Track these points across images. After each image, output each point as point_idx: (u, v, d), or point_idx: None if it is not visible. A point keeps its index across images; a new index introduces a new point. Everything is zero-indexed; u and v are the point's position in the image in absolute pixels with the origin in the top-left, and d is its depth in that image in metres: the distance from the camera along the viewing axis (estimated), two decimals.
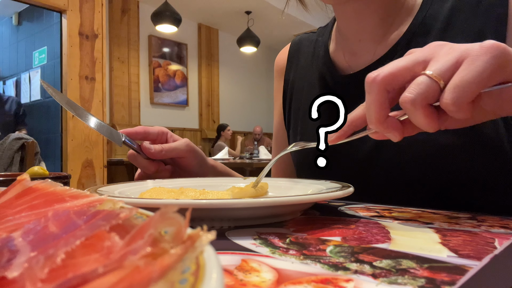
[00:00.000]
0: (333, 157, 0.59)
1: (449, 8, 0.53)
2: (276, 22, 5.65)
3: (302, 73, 0.71)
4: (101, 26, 3.26)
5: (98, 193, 0.34)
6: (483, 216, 0.39)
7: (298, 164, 0.69)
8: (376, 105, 0.33)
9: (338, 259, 0.24)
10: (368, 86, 0.33)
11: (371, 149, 0.55)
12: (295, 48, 0.75)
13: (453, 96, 0.29)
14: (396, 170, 0.53)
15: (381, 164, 0.55)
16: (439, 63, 0.31)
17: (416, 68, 0.32)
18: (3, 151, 2.09)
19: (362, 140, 0.55)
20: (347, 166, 0.58)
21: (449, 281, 0.20)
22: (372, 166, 0.55)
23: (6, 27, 4.80)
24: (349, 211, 0.42)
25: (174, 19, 4.13)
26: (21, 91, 4.33)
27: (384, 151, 0.54)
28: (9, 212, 0.21)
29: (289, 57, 0.76)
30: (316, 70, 0.67)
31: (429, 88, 0.30)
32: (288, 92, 0.74)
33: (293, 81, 0.73)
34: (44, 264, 0.13)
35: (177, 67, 5.40)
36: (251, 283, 0.20)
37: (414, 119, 0.32)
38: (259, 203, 0.32)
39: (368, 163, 0.56)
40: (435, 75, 0.30)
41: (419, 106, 0.30)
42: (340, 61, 0.64)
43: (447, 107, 0.30)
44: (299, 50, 0.74)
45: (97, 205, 0.20)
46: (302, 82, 0.70)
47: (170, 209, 0.14)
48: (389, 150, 0.54)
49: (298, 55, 0.74)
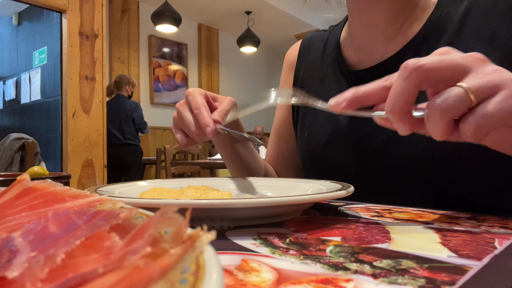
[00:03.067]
0: (342, 151, 0.59)
1: (464, 9, 0.52)
2: (276, 22, 5.65)
3: (312, 70, 0.71)
4: (101, 26, 3.25)
5: (98, 193, 0.34)
6: (483, 216, 0.39)
7: (306, 160, 0.69)
8: (406, 94, 0.31)
9: (338, 259, 0.24)
10: (408, 73, 0.30)
11: (381, 144, 0.55)
12: (307, 44, 0.76)
13: (478, 123, 0.28)
14: (406, 166, 0.53)
15: (391, 159, 0.54)
16: (480, 81, 0.29)
17: (456, 73, 0.30)
18: (3, 151, 2.09)
19: (373, 134, 0.55)
20: (356, 161, 0.58)
21: (449, 281, 0.20)
22: (382, 161, 0.55)
23: (6, 27, 4.80)
24: (349, 211, 0.42)
25: (174, 19, 4.13)
26: (21, 91, 4.33)
27: (394, 146, 0.54)
28: (9, 212, 0.21)
29: (300, 54, 0.76)
30: (326, 66, 0.67)
31: (462, 104, 0.28)
32: (297, 86, 0.74)
33: (302, 77, 0.73)
34: (44, 264, 0.13)
35: (177, 67, 5.40)
36: (251, 283, 0.20)
37: (431, 126, 0.30)
38: (259, 203, 0.32)
39: (378, 158, 0.56)
40: (473, 92, 0.28)
41: (446, 119, 0.29)
42: (351, 57, 0.64)
43: (467, 132, 0.29)
44: (310, 47, 0.74)
45: (97, 205, 0.20)
46: (312, 78, 0.70)
47: (170, 209, 0.14)
48: (400, 145, 0.53)
49: (309, 51, 0.74)
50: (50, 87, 3.57)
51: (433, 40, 0.53)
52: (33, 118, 3.98)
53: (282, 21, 5.59)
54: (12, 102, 4.55)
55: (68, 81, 3.04)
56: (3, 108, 4.78)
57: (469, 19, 0.52)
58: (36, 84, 4.08)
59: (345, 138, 0.60)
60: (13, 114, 4.55)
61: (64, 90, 3.09)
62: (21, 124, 4.32)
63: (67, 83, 3.04)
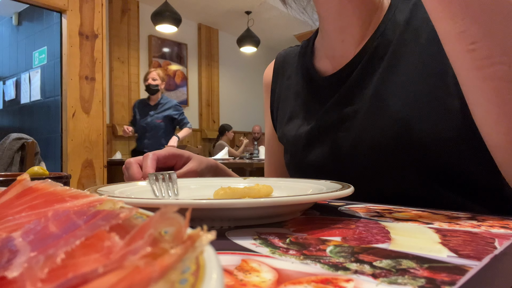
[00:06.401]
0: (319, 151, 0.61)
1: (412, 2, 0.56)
2: (276, 22, 5.65)
3: (287, 83, 0.73)
4: (101, 26, 3.26)
5: (98, 193, 0.34)
6: (483, 216, 0.39)
7: (288, 164, 0.70)
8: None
9: (338, 259, 0.24)
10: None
11: (357, 134, 0.56)
12: (281, 60, 0.78)
13: None
14: (382, 152, 0.53)
15: (367, 148, 0.55)
16: None
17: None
18: (3, 151, 2.09)
19: (349, 125, 0.57)
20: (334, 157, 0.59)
21: (449, 281, 0.20)
22: (359, 152, 0.56)
23: (6, 27, 4.80)
24: (349, 211, 0.43)
25: (174, 19, 4.13)
26: (21, 91, 4.33)
27: (367, 134, 0.55)
28: (9, 212, 0.21)
29: (275, 69, 0.78)
30: (301, 78, 0.69)
31: None
32: (275, 102, 0.77)
33: (279, 91, 0.75)
34: (44, 264, 0.13)
35: (177, 67, 5.40)
36: (251, 283, 0.20)
37: None
38: (259, 203, 0.32)
39: (355, 150, 0.56)
40: None
41: None
42: (325, 66, 0.65)
43: None
44: (284, 62, 0.77)
45: (97, 205, 0.20)
46: (288, 92, 0.72)
47: (170, 209, 0.14)
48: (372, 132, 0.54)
49: (284, 66, 0.76)
50: (50, 87, 3.57)
51: (389, 32, 0.56)
52: (33, 118, 3.98)
53: (282, 21, 5.59)
54: (12, 102, 4.55)
55: (68, 81, 3.04)
56: (3, 108, 4.78)
57: (417, 8, 0.55)
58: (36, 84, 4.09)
59: (320, 137, 0.62)
60: (13, 114, 4.55)
61: (64, 90, 3.09)
62: (21, 124, 4.32)
63: (67, 83, 3.04)
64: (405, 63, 0.53)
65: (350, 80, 0.58)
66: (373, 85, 0.55)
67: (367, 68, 0.57)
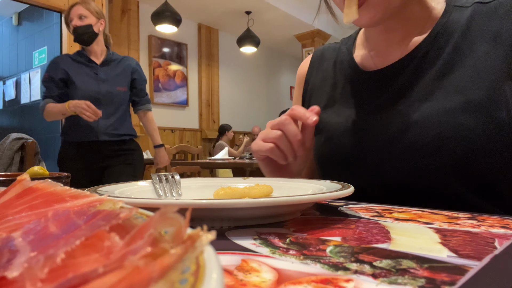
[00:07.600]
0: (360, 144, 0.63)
1: (468, 15, 0.57)
2: (276, 22, 5.65)
3: (324, 75, 0.75)
4: None
5: (98, 193, 0.34)
6: (483, 216, 0.39)
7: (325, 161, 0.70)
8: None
9: (338, 259, 0.24)
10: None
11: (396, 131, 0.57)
12: (318, 54, 0.80)
13: None
14: (421, 151, 0.54)
15: (406, 146, 0.56)
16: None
17: None
18: (3, 151, 2.09)
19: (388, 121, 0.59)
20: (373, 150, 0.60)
21: (449, 281, 0.20)
22: (397, 148, 0.57)
23: (6, 27, 4.80)
24: (349, 211, 0.43)
25: (174, 19, 4.12)
26: (21, 91, 4.33)
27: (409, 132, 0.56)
28: (9, 212, 0.21)
29: (311, 62, 0.80)
30: (339, 73, 0.71)
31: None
32: (308, 91, 0.78)
33: (312, 87, 0.77)
34: (44, 264, 0.13)
35: (177, 67, 5.40)
36: (251, 283, 0.20)
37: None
38: (259, 203, 0.32)
39: (393, 146, 0.57)
40: None
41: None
42: (366, 62, 0.68)
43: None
44: (321, 57, 0.79)
45: (97, 205, 0.20)
46: (325, 85, 0.74)
47: (170, 209, 0.14)
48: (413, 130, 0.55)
49: (321, 61, 0.78)
50: None
51: (443, 39, 0.58)
52: (33, 118, 3.98)
53: (282, 21, 5.59)
54: (12, 102, 4.55)
55: None
56: (3, 108, 4.78)
57: (474, 21, 0.56)
58: (36, 84, 4.09)
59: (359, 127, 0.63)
60: (13, 114, 4.55)
61: None
62: (21, 124, 4.32)
63: None
64: (457, 71, 0.55)
65: (396, 78, 0.61)
66: (420, 87, 0.57)
67: (416, 70, 0.59)
